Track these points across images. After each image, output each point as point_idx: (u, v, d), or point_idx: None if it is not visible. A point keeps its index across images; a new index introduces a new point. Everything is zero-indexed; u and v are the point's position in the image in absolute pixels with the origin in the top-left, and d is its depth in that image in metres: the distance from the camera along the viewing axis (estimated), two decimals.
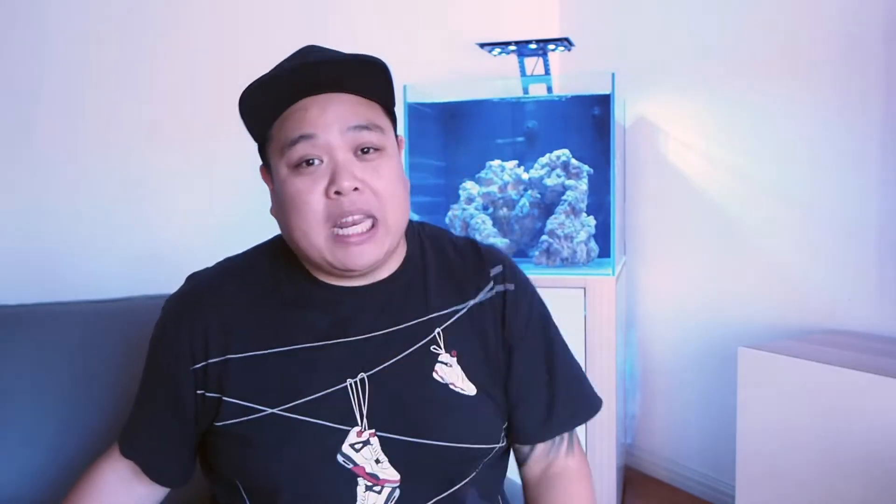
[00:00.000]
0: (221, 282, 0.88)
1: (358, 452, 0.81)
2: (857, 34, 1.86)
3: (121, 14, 2.01)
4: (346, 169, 0.77)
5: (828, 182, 1.96)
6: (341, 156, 0.78)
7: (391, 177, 0.81)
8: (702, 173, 2.33)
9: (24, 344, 1.23)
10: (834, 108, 1.93)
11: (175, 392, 0.85)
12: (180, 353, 0.84)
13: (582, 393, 0.96)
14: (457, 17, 2.63)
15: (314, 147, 0.78)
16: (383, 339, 0.84)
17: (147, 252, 2.03)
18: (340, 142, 0.78)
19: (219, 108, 2.18)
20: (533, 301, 0.93)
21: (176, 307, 0.88)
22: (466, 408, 0.84)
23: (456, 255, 0.92)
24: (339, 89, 0.80)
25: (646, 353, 2.56)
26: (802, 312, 2.02)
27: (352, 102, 0.80)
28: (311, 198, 0.78)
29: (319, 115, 0.78)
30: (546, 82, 2.40)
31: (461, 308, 0.88)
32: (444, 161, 2.47)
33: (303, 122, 0.79)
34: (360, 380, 0.82)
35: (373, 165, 0.80)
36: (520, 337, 0.90)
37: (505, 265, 0.92)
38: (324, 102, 0.79)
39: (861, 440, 1.51)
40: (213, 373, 0.83)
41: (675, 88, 2.40)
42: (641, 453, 2.59)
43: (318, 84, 0.79)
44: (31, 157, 1.89)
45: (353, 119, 0.79)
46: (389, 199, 0.80)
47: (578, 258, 2.17)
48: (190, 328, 0.84)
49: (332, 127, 0.78)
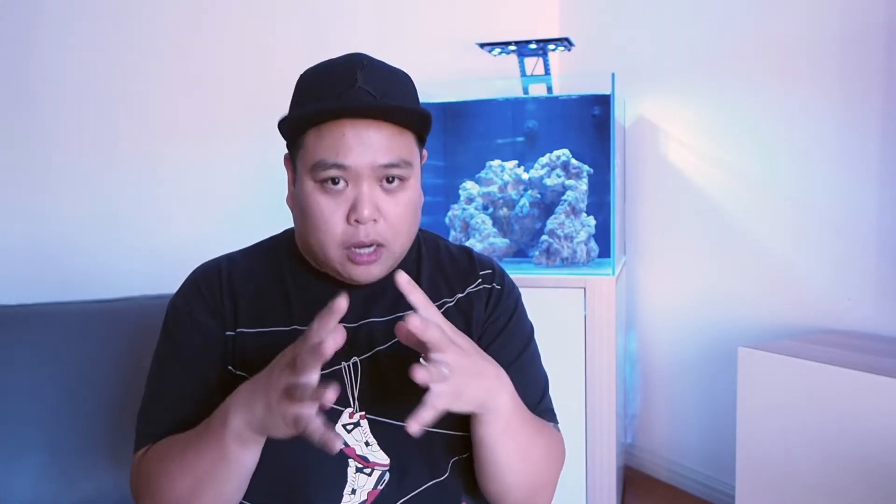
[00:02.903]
0: (244, 261, 0.92)
1: (349, 433, 0.84)
2: (857, 34, 1.86)
3: (130, 13, 2.01)
4: (369, 200, 0.80)
5: (828, 182, 1.96)
6: (366, 186, 0.80)
7: (408, 205, 0.84)
8: (702, 173, 2.33)
9: (24, 344, 1.23)
10: (834, 108, 1.93)
11: (205, 357, 0.85)
12: (216, 313, 0.87)
13: (546, 406, 0.96)
14: (457, 17, 2.63)
15: (343, 171, 0.80)
16: (377, 326, 0.88)
17: (152, 251, 2.03)
18: (369, 173, 0.80)
19: (226, 107, 2.18)
20: (517, 307, 0.96)
21: (208, 271, 0.90)
22: None
23: (449, 259, 0.97)
24: (379, 117, 0.80)
25: (646, 353, 2.56)
26: (802, 312, 2.02)
27: (388, 135, 0.80)
28: (332, 220, 0.81)
29: (355, 146, 0.79)
30: (546, 82, 2.40)
31: (450, 301, 0.92)
32: (444, 161, 2.47)
33: (338, 149, 0.79)
34: (353, 363, 0.86)
35: (393, 195, 0.82)
36: (497, 332, 0.93)
37: (495, 271, 0.97)
38: (362, 131, 0.79)
39: (861, 440, 1.51)
40: (239, 345, 0.86)
41: (675, 88, 2.40)
42: (641, 453, 2.59)
43: (361, 111, 0.80)
44: (36, 156, 1.89)
45: (385, 156, 0.80)
46: (401, 227, 0.83)
47: (578, 258, 2.17)
48: (221, 294, 0.87)
49: (364, 159, 0.79)
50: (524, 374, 0.93)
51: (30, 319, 1.27)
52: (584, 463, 2.04)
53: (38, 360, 1.22)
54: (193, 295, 0.88)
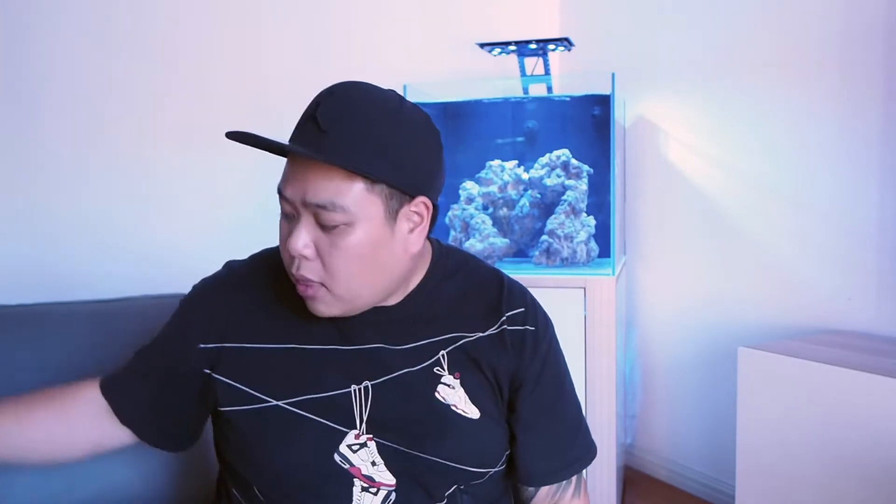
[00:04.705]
0: (251, 273, 0.92)
1: (355, 454, 0.83)
2: (857, 34, 1.86)
3: (127, 17, 2.01)
4: (303, 235, 0.78)
5: (828, 182, 1.96)
6: (304, 220, 0.78)
7: (348, 252, 0.78)
8: (702, 173, 2.33)
9: (24, 344, 1.22)
10: (835, 107, 1.93)
11: (178, 361, 0.88)
12: (197, 327, 0.88)
13: (584, 441, 0.96)
14: (457, 17, 2.63)
15: (287, 203, 0.80)
16: (389, 354, 0.86)
17: (151, 253, 2.03)
18: (302, 208, 0.78)
19: (224, 109, 2.18)
20: (551, 345, 0.93)
21: (209, 285, 0.92)
22: (467, 430, 0.86)
23: (476, 289, 0.92)
24: (322, 156, 0.76)
25: (646, 353, 2.56)
26: (802, 312, 2.02)
27: (324, 175, 0.76)
28: (283, 247, 0.81)
29: (292, 178, 0.78)
30: (546, 82, 2.40)
31: (469, 336, 0.89)
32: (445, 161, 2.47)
33: (285, 178, 0.80)
34: (363, 387, 0.85)
35: (332, 237, 0.78)
36: (534, 379, 0.90)
37: (527, 307, 0.92)
38: (300, 165, 0.78)
39: (861, 440, 1.51)
40: (228, 357, 0.86)
41: (675, 88, 2.40)
42: (641, 453, 2.59)
43: (304, 143, 0.77)
44: (34, 158, 1.89)
45: (313, 195, 0.76)
46: (337, 272, 0.78)
47: (578, 258, 2.17)
48: (213, 309, 0.88)
49: (296, 193, 0.78)
50: (557, 419, 0.93)
51: (30, 319, 1.27)
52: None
53: (38, 360, 1.22)
54: (199, 297, 0.91)
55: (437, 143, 0.88)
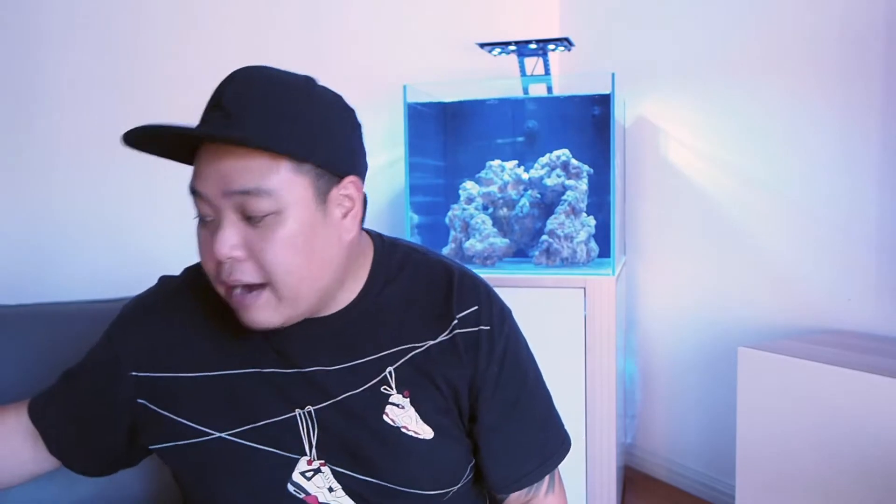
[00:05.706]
0: (185, 289, 0.85)
1: (309, 481, 0.78)
2: (856, 35, 1.86)
3: (119, 20, 2.01)
4: (229, 234, 0.70)
5: (828, 182, 1.96)
6: (227, 219, 0.71)
7: (286, 244, 0.71)
8: (702, 173, 2.33)
9: (24, 344, 1.22)
10: (835, 107, 1.93)
11: (107, 386, 0.83)
12: (131, 351, 0.82)
13: (555, 436, 0.90)
14: (457, 17, 2.63)
15: (203, 204, 0.72)
16: (332, 375, 0.79)
17: (152, 253, 2.03)
18: (227, 203, 0.70)
19: None
20: (509, 342, 0.85)
21: (143, 304, 0.87)
22: (421, 453, 0.80)
23: (424, 288, 0.84)
24: (238, 140, 0.70)
25: (646, 353, 2.56)
26: (802, 312, 2.02)
27: (243, 160, 0.69)
28: (206, 256, 0.74)
29: (206, 171, 0.71)
30: (546, 82, 2.40)
31: (418, 347, 0.81)
32: (444, 161, 2.47)
33: (196, 174, 0.72)
34: (307, 412, 0.79)
35: (261, 230, 0.71)
36: (493, 383, 0.83)
37: (480, 304, 0.83)
38: (213, 154, 0.70)
39: (861, 440, 1.51)
40: (163, 387, 0.81)
41: (676, 88, 2.40)
42: (641, 453, 2.59)
43: (183, 132, 0.70)
44: (31, 158, 1.89)
45: (234, 182, 0.69)
46: (275, 268, 0.71)
47: (578, 258, 2.17)
48: (147, 332, 0.83)
49: (213, 186, 0.70)
50: (523, 419, 0.86)
51: (30, 319, 1.27)
52: (584, 463, 2.04)
53: (38, 360, 1.22)
54: (132, 315, 0.85)
55: (354, 121, 0.79)
